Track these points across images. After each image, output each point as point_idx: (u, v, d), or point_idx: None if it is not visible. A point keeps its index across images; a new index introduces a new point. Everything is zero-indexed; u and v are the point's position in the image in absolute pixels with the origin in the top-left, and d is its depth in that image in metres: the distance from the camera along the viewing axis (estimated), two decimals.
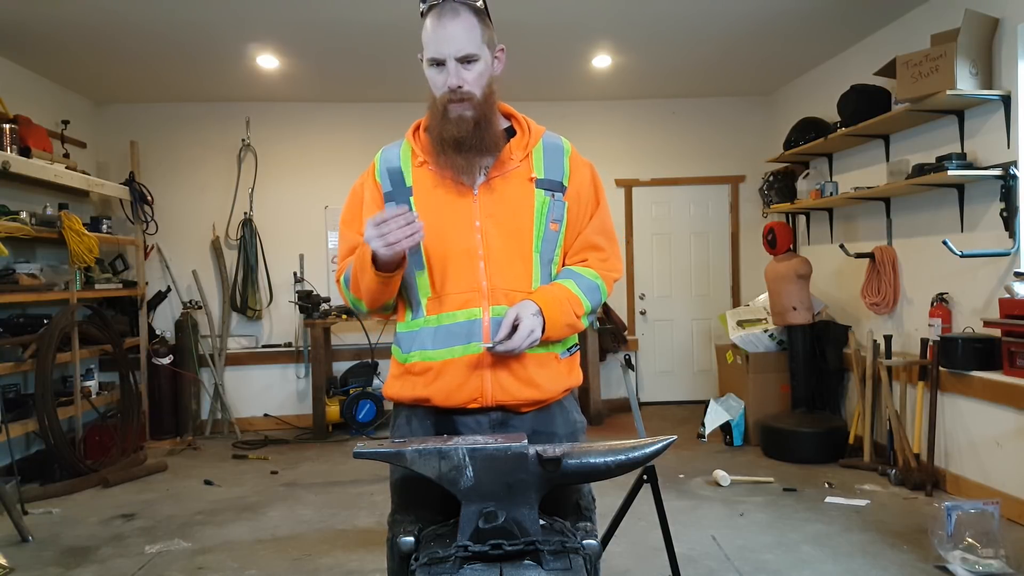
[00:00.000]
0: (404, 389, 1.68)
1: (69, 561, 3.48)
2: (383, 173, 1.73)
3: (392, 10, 4.39)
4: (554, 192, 1.69)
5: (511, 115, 1.77)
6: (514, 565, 1.29)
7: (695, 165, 6.80)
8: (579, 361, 1.80)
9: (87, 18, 4.41)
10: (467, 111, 1.61)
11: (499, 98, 1.71)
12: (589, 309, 1.70)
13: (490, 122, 1.66)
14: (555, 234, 1.69)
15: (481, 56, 1.62)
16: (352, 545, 3.63)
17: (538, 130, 1.76)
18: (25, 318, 4.75)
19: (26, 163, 4.57)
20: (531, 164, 1.70)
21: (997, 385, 3.79)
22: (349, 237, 1.75)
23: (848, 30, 4.95)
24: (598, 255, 1.75)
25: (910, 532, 3.58)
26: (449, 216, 1.65)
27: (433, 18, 1.62)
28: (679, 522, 3.73)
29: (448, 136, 1.62)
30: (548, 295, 1.63)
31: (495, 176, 1.68)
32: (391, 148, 1.78)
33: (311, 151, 6.49)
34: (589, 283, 1.70)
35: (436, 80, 1.64)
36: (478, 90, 1.63)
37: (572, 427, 1.72)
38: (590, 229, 1.75)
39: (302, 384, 6.44)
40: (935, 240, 4.23)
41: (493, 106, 1.68)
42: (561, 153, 1.74)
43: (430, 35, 1.62)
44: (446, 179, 1.67)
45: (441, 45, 1.60)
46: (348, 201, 1.79)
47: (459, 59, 1.60)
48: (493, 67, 1.68)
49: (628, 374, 3.33)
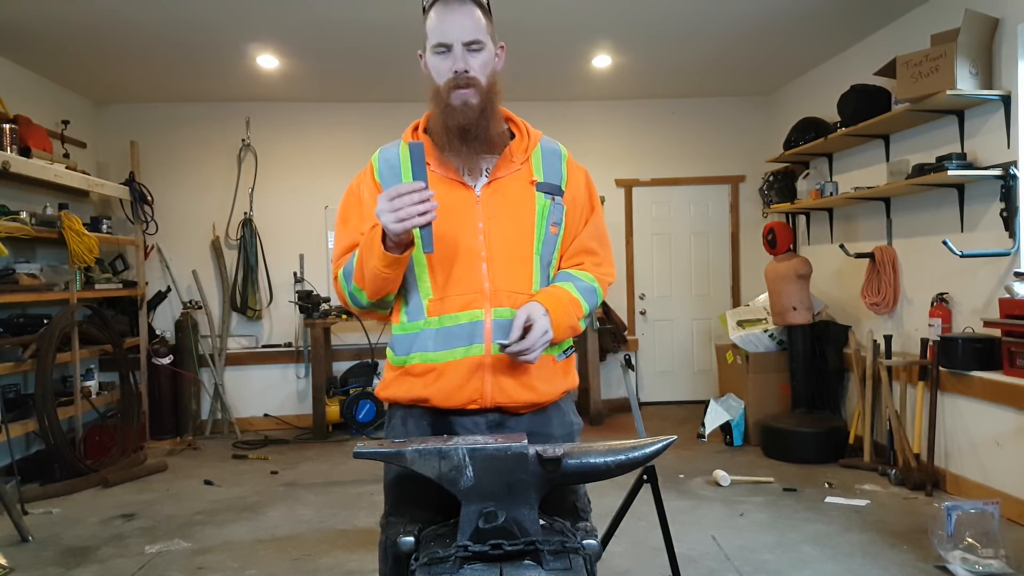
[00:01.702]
0: (401, 390, 1.67)
1: (69, 561, 3.48)
2: (382, 172, 1.73)
3: (392, 10, 4.39)
4: (553, 195, 1.70)
5: (509, 119, 1.77)
6: (514, 565, 1.29)
7: (695, 165, 6.80)
8: (575, 364, 1.81)
9: (87, 18, 4.41)
10: (472, 98, 1.61)
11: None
12: (587, 312, 1.71)
13: (494, 112, 1.66)
14: (554, 237, 1.70)
15: (487, 45, 1.64)
16: (352, 545, 3.63)
17: (536, 134, 1.77)
18: (25, 318, 4.75)
19: (26, 163, 4.57)
20: (531, 167, 1.71)
21: (997, 385, 3.79)
22: (345, 236, 1.74)
23: (848, 30, 4.95)
24: (593, 259, 1.76)
25: (910, 532, 3.58)
26: (452, 217, 1.63)
27: (439, 9, 1.63)
28: (679, 522, 3.73)
29: (453, 124, 1.62)
30: (552, 297, 1.64)
31: (497, 178, 1.68)
32: (390, 148, 1.78)
33: (311, 151, 6.49)
34: (587, 286, 1.71)
35: (441, 66, 1.63)
36: (483, 78, 1.63)
37: (568, 428, 1.72)
38: (585, 234, 1.76)
39: (302, 384, 6.44)
40: (935, 240, 4.23)
41: (497, 97, 1.68)
42: (559, 158, 1.75)
43: (435, 23, 1.63)
44: (448, 179, 1.67)
45: (448, 30, 1.61)
46: (344, 201, 1.78)
47: (466, 43, 1.61)
48: (495, 63, 1.69)
49: (628, 374, 3.33)
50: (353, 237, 1.70)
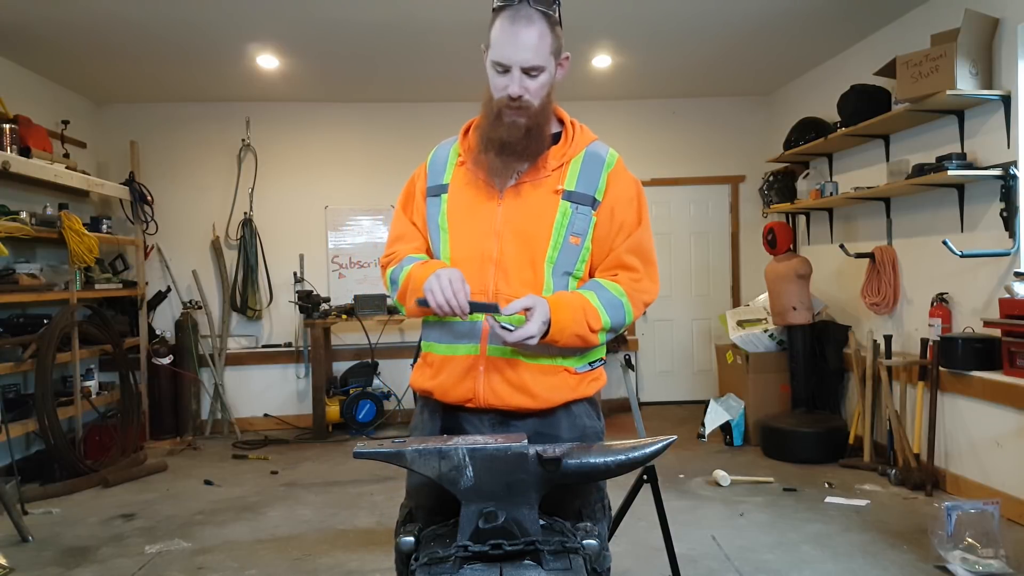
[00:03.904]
0: (420, 379, 1.74)
1: (69, 561, 3.48)
2: (432, 167, 1.79)
3: (392, 10, 4.39)
4: (581, 205, 1.66)
5: (563, 120, 1.76)
6: (514, 565, 1.29)
7: (695, 165, 6.80)
8: (600, 373, 1.75)
9: (87, 18, 4.41)
10: (521, 119, 1.61)
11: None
12: (608, 326, 1.63)
13: (541, 130, 1.66)
14: (576, 248, 1.65)
15: (547, 68, 1.62)
16: (352, 545, 3.63)
17: (584, 140, 1.73)
18: (25, 318, 4.75)
19: (26, 163, 4.57)
20: (563, 175, 1.68)
21: (997, 385, 3.79)
22: (399, 225, 1.83)
23: (848, 30, 4.95)
24: (630, 275, 1.69)
25: (910, 532, 3.58)
26: (474, 218, 1.68)
27: (506, 20, 1.59)
28: (679, 522, 3.73)
29: (496, 137, 1.63)
30: (562, 299, 1.60)
31: (524, 182, 1.67)
32: (445, 144, 1.82)
33: (311, 151, 6.48)
34: (612, 298, 1.65)
35: (497, 83, 1.63)
36: (537, 100, 1.63)
37: (581, 432, 1.66)
38: (624, 248, 1.69)
39: (302, 384, 6.44)
40: (935, 240, 4.23)
41: (548, 114, 1.68)
42: (601, 165, 1.70)
43: (499, 37, 1.60)
44: (478, 180, 1.69)
45: (509, 51, 1.58)
46: (404, 190, 1.86)
47: (525, 69, 1.59)
48: (556, 75, 1.68)
49: (628, 374, 3.34)
50: (404, 228, 1.80)
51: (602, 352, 1.73)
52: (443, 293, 1.51)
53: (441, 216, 1.72)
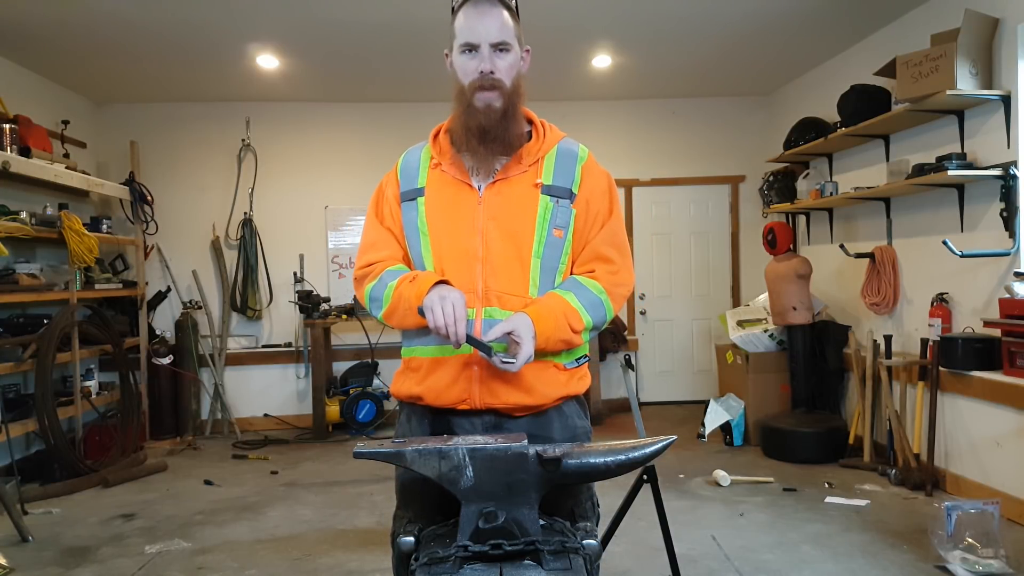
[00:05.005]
0: (403, 386, 1.70)
1: (69, 561, 3.48)
2: (403, 172, 1.77)
3: (392, 10, 4.39)
4: (560, 199, 1.67)
5: (531, 120, 1.78)
6: (514, 565, 1.29)
7: (695, 165, 6.80)
8: (587, 369, 1.77)
9: (87, 18, 4.41)
10: (496, 100, 1.63)
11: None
12: (590, 325, 1.65)
13: (516, 114, 1.67)
14: (560, 241, 1.67)
15: (514, 47, 1.65)
16: (352, 545, 3.63)
17: (555, 136, 1.76)
18: (25, 318, 4.75)
19: (26, 163, 4.57)
20: (539, 170, 1.70)
21: (997, 385, 3.79)
22: (371, 232, 1.79)
23: (848, 30, 4.95)
24: (607, 267, 1.70)
25: (910, 532, 3.58)
26: (454, 218, 1.67)
27: (468, 9, 1.64)
28: (679, 522, 3.73)
29: (474, 124, 1.63)
30: (544, 309, 1.60)
31: (501, 179, 1.68)
32: (414, 150, 1.81)
33: (311, 151, 6.48)
34: (592, 297, 1.65)
35: (467, 66, 1.64)
36: (508, 80, 1.64)
37: (572, 432, 1.68)
38: (599, 239, 1.71)
39: (302, 384, 6.44)
40: (935, 240, 4.23)
41: (520, 100, 1.69)
42: (574, 160, 1.72)
43: (464, 23, 1.64)
44: (455, 180, 1.69)
45: (477, 30, 1.62)
46: (373, 197, 1.84)
47: (493, 44, 1.62)
48: (521, 66, 1.70)
49: (628, 374, 3.34)
50: (377, 234, 1.77)
51: (586, 348, 1.75)
52: (444, 318, 1.51)
53: (420, 220, 1.70)
